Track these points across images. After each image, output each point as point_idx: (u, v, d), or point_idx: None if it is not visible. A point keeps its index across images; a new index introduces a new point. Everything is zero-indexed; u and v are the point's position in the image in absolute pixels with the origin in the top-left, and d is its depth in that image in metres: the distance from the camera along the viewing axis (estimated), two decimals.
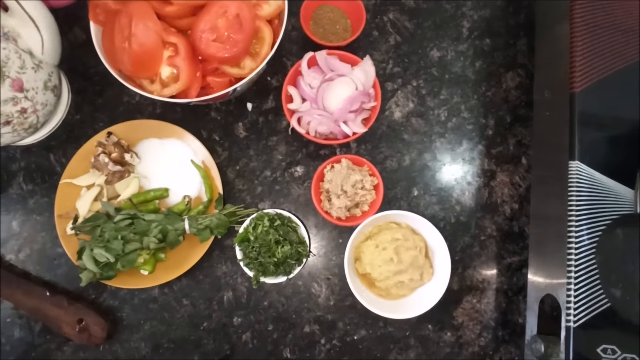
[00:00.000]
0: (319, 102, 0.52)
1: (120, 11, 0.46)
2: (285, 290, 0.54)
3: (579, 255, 0.42)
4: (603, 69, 0.46)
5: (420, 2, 0.63)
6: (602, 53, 0.46)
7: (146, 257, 0.50)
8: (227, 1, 0.45)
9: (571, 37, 0.47)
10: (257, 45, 0.49)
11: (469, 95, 0.60)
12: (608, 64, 0.46)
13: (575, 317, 0.41)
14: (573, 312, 0.41)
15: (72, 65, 0.59)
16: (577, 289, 0.42)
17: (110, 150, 0.52)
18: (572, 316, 0.41)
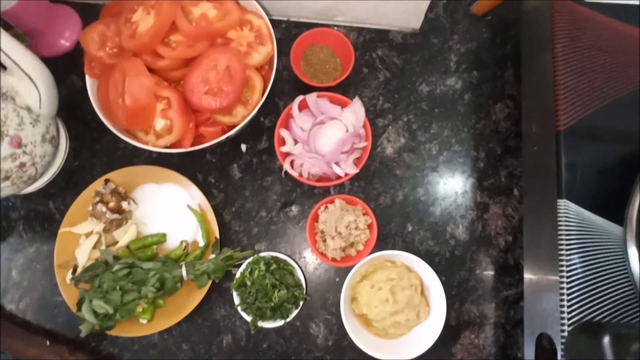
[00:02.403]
0: (311, 145, 0.53)
1: (115, 66, 0.47)
2: (284, 331, 0.55)
3: (570, 294, 0.43)
4: (587, 106, 0.47)
5: (408, 38, 0.64)
6: (585, 90, 0.47)
7: (145, 306, 0.50)
8: (217, 55, 0.46)
9: (554, 74, 0.48)
10: (248, 93, 0.50)
11: (459, 128, 0.61)
12: (592, 101, 0.47)
13: None
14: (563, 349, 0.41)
15: (70, 111, 0.61)
16: (570, 325, 0.42)
17: (107, 200, 0.53)
18: None
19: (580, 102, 0.47)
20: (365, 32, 0.64)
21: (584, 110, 0.47)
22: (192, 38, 0.47)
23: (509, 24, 0.64)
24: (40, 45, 0.61)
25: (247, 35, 0.51)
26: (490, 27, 0.64)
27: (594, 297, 0.43)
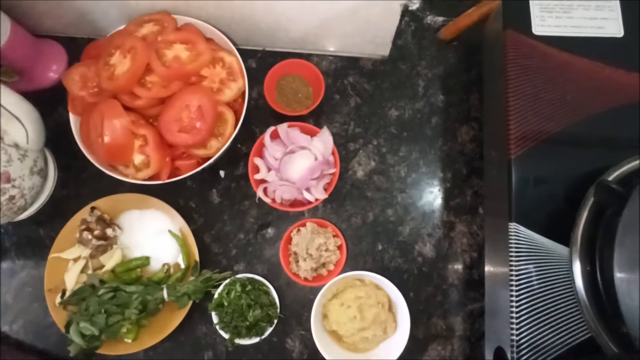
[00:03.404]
0: (282, 173, 0.56)
1: (94, 107, 0.50)
2: (262, 346, 0.58)
3: (519, 311, 0.46)
4: (537, 135, 0.50)
5: (378, 64, 0.67)
6: (535, 120, 0.50)
7: (129, 327, 0.54)
8: (189, 95, 0.50)
9: (506, 104, 0.51)
10: (222, 127, 0.54)
11: (427, 150, 0.64)
12: (541, 130, 0.50)
13: None
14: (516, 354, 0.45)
15: (58, 142, 0.64)
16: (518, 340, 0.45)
17: (92, 227, 0.57)
18: None
19: (531, 131, 0.50)
20: (337, 60, 0.67)
21: (534, 139, 0.50)
22: (166, 79, 0.50)
23: (475, 49, 0.67)
24: (29, 79, 0.64)
25: (219, 73, 0.54)
26: (457, 52, 0.68)
27: (542, 313, 0.46)
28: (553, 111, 0.51)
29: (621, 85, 0.52)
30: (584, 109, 0.51)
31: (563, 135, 0.50)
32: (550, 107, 0.51)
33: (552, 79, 0.52)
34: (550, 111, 0.51)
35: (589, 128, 0.51)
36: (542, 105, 0.51)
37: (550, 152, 0.50)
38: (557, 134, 0.50)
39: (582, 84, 0.52)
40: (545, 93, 0.51)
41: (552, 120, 0.50)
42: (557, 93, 0.51)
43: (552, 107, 0.51)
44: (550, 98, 0.51)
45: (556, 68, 0.52)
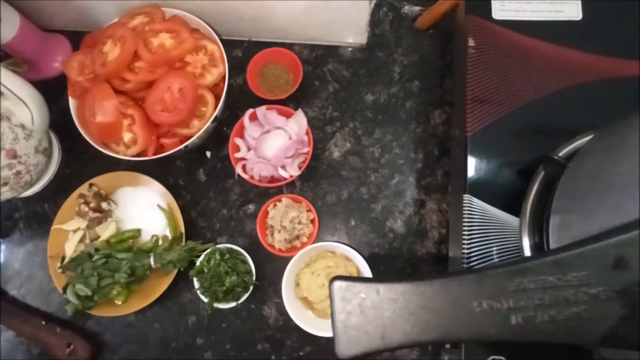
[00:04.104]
0: (259, 151, 0.61)
1: (88, 90, 0.56)
2: (241, 313, 0.63)
3: None
4: (492, 114, 0.53)
5: (356, 52, 0.71)
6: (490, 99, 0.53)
7: (119, 289, 0.59)
8: (171, 78, 0.55)
9: (465, 84, 0.54)
10: (203, 108, 0.59)
11: (400, 133, 0.67)
12: (496, 110, 0.53)
13: None
14: None
15: (63, 127, 0.70)
16: None
17: (89, 201, 0.63)
18: None
19: (486, 110, 0.53)
20: (317, 49, 0.71)
21: (489, 118, 0.53)
22: (151, 64, 0.56)
23: (449, 37, 0.70)
24: (37, 70, 0.71)
25: (201, 59, 0.59)
26: (432, 40, 0.71)
27: None
28: (510, 91, 0.54)
29: (578, 66, 0.54)
30: (541, 89, 0.54)
31: (519, 114, 0.53)
32: (507, 88, 0.54)
33: (510, 61, 0.55)
34: (507, 91, 0.53)
35: (544, 107, 0.53)
36: (499, 85, 0.53)
37: (505, 130, 0.53)
38: (513, 112, 0.53)
39: (540, 66, 0.54)
40: (502, 74, 0.54)
41: (508, 100, 0.53)
42: (514, 74, 0.54)
43: (509, 87, 0.54)
44: (508, 79, 0.54)
45: (514, 50, 0.55)
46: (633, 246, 0.21)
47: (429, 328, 0.22)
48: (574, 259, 0.22)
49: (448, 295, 0.22)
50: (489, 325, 0.22)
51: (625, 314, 0.21)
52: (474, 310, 0.22)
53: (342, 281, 0.24)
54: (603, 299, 0.21)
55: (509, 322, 0.22)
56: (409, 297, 0.22)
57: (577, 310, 0.21)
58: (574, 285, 0.21)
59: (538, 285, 0.22)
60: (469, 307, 0.22)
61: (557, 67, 0.54)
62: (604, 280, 0.21)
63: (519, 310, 0.22)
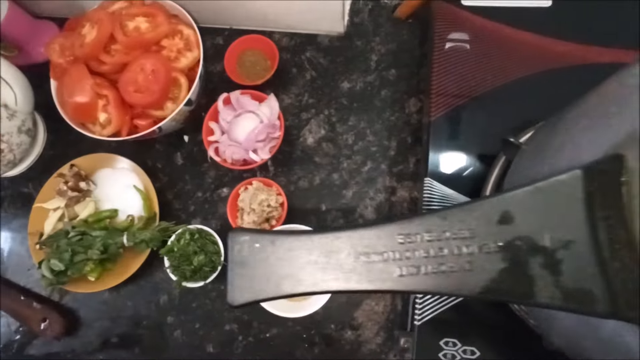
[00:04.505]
0: (230, 134, 0.62)
1: (66, 71, 0.58)
2: (211, 293, 0.64)
3: None
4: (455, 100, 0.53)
5: (334, 41, 0.72)
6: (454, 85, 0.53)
7: (92, 266, 0.61)
8: (144, 60, 0.57)
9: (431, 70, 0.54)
10: (177, 90, 0.60)
11: (375, 120, 0.68)
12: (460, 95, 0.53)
13: (420, 315, 0.48)
14: (418, 312, 0.48)
15: (48, 109, 0.72)
16: None
17: (68, 180, 0.65)
18: (417, 315, 0.48)
19: (451, 95, 0.53)
20: (296, 37, 0.72)
21: (454, 103, 0.53)
22: (126, 47, 0.57)
23: (427, 26, 0.70)
24: (26, 54, 0.73)
25: (177, 43, 0.61)
26: (411, 29, 0.71)
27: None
28: (476, 77, 0.54)
29: (547, 52, 0.54)
30: (508, 76, 0.54)
31: (485, 99, 0.53)
32: (474, 74, 0.54)
33: (477, 47, 0.55)
34: (474, 77, 0.54)
35: (511, 93, 0.53)
36: (465, 71, 0.54)
37: (469, 115, 0.53)
38: (479, 98, 0.53)
39: (508, 52, 0.54)
40: (469, 60, 0.54)
41: (475, 86, 0.53)
42: (482, 60, 0.54)
43: (476, 73, 0.54)
44: (475, 65, 0.54)
45: (483, 37, 0.55)
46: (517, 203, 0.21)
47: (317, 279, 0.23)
48: (461, 213, 0.22)
49: (337, 247, 0.23)
50: (374, 277, 0.22)
51: (506, 267, 0.21)
52: (362, 262, 0.22)
53: (238, 231, 0.24)
54: (486, 252, 0.21)
55: (394, 274, 0.22)
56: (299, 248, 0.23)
57: (461, 263, 0.21)
58: (460, 238, 0.22)
59: (425, 239, 0.22)
60: (358, 259, 0.22)
61: (525, 53, 0.54)
62: (489, 234, 0.21)
63: (405, 263, 0.22)
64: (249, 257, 0.23)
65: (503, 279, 0.21)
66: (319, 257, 0.22)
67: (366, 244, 0.22)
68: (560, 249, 0.20)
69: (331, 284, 0.22)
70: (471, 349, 0.46)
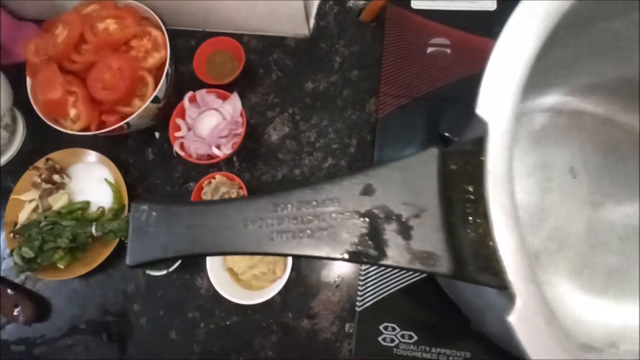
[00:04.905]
0: (195, 130, 0.65)
1: (39, 69, 0.62)
2: (176, 282, 0.67)
3: None
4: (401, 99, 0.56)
5: (300, 43, 0.75)
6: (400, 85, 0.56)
7: (61, 254, 0.64)
8: (111, 59, 0.60)
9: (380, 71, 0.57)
10: (143, 89, 0.63)
11: (336, 119, 0.71)
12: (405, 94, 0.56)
13: (361, 302, 0.50)
14: (359, 299, 0.50)
15: (29, 106, 0.76)
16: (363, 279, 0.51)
17: (42, 172, 0.68)
18: (359, 301, 0.50)
19: (398, 94, 0.56)
20: (265, 39, 0.75)
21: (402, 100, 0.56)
22: (96, 46, 0.61)
23: None
24: (9, 54, 0.77)
25: (145, 44, 0.64)
26: (373, 32, 0.74)
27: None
28: (422, 77, 0.56)
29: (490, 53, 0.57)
30: (452, 75, 0.56)
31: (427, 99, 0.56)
32: (420, 74, 0.56)
33: (425, 48, 0.58)
34: (419, 77, 0.56)
35: (452, 92, 0.56)
36: (412, 71, 0.56)
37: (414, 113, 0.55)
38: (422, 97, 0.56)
39: (454, 53, 0.57)
40: (415, 61, 0.57)
41: (419, 85, 0.56)
42: (426, 61, 0.57)
43: (422, 73, 0.57)
44: (420, 65, 0.57)
45: (430, 38, 0.58)
46: (379, 177, 0.24)
47: (202, 242, 0.26)
48: (330, 186, 0.25)
49: (223, 216, 0.25)
50: (252, 242, 0.25)
51: (365, 232, 0.24)
52: (242, 229, 0.25)
53: (139, 202, 0.27)
54: (348, 219, 0.24)
55: (269, 240, 0.25)
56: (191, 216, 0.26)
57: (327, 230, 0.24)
58: (328, 208, 0.24)
59: (298, 209, 0.25)
60: (238, 226, 0.25)
61: (471, 54, 0.57)
62: (353, 204, 0.24)
63: (279, 230, 0.25)
64: (146, 224, 0.26)
65: (362, 242, 0.23)
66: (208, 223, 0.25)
67: (248, 214, 0.25)
68: (412, 217, 0.23)
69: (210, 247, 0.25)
70: (409, 333, 0.49)
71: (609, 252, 0.42)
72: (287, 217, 0.25)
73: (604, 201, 0.44)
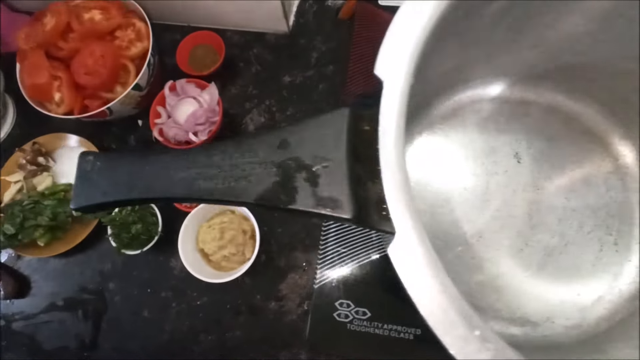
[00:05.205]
0: (173, 117, 0.68)
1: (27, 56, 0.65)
2: (151, 263, 0.69)
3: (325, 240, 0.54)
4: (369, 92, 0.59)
5: (280, 39, 0.78)
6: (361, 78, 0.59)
7: (41, 231, 0.67)
8: (94, 46, 0.63)
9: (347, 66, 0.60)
10: (125, 76, 0.67)
11: (311, 110, 0.74)
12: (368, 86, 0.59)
13: (318, 279, 0.52)
14: (317, 276, 0.52)
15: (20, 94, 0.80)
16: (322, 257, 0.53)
17: (27, 155, 0.71)
18: (316, 279, 0.52)
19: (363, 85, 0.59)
20: (246, 35, 0.79)
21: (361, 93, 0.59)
22: (81, 35, 0.65)
23: None
24: (4, 44, 0.81)
25: (129, 34, 0.68)
26: (350, 29, 0.77)
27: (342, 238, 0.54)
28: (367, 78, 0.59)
29: None
30: None
31: None
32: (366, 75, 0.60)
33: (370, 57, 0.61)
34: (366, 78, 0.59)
35: None
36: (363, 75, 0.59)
37: None
38: None
39: None
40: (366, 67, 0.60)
41: None
42: None
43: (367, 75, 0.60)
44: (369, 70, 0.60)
45: None
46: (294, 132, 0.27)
47: (139, 188, 0.28)
48: (251, 140, 0.27)
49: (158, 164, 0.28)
50: (181, 187, 0.27)
51: (278, 180, 0.26)
52: (173, 176, 0.28)
53: (85, 153, 0.30)
54: (265, 169, 0.27)
55: (195, 186, 0.27)
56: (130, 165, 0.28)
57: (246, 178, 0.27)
58: (248, 160, 0.27)
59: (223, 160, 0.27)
60: (170, 173, 0.28)
61: None
62: (269, 156, 0.27)
63: (204, 178, 0.27)
64: (90, 172, 0.29)
65: (275, 189, 0.26)
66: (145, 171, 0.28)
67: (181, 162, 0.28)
68: (320, 167, 0.25)
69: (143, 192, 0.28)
70: (363, 310, 0.51)
71: (548, 232, 0.45)
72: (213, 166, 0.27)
73: (546, 184, 0.46)
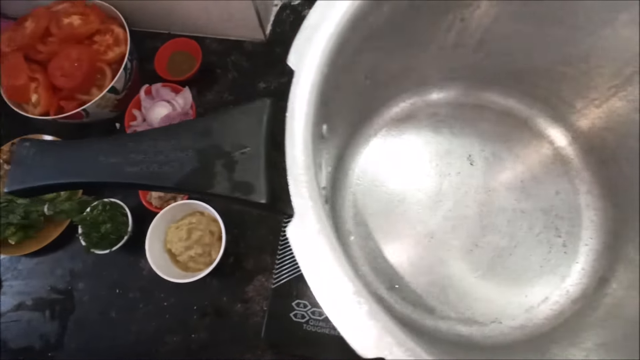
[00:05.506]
0: (147, 119, 0.70)
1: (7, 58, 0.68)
2: (120, 263, 0.70)
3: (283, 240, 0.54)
4: None
5: (257, 46, 0.80)
6: None
7: (13, 230, 0.68)
8: (70, 50, 0.65)
9: None
10: (102, 79, 0.69)
11: None
12: None
13: (276, 279, 0.53)
14: (274, 277, 0.53)
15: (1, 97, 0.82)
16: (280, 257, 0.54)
17: (4, 154, 0.73)
18: (274, 279, 0.53)
19: None
20: (225, 42, 0.81)
21: None
22: (60, 39, 0.67)
23: None
24: None
25: (107, 39, 0.70)
26: None
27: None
28: None
29: None
30: None
31: None
32: None
33: None
34: None
35: None
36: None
37: None
38: None
39: None
40: None
41: None
42: None
43: None
44: None
45: None
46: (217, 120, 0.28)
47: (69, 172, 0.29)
48: (176, 127, 0.28)
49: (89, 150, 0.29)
50: (109, 172, 0.28)
51: (198, 167, 0.27)
52: (102, 161, 0.29)
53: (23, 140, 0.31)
54: (186, 155, 0.27)
55: (123, 171, 0.28)
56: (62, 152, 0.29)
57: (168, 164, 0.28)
58: (172, 146, 0.28)
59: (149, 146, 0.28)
60: (99, 159, 0.29)
61: None
62: (192, 143, 0.28)
63: (131, 163, 0.28)
64: (26, 158, 0.30)
65: (195, 175, 0.27)
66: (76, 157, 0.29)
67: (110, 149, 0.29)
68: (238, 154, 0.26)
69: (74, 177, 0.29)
70: (319, 310, 0.51)
71: (498, 233, 0.45)
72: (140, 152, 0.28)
73: (497, 186, 0.46)
